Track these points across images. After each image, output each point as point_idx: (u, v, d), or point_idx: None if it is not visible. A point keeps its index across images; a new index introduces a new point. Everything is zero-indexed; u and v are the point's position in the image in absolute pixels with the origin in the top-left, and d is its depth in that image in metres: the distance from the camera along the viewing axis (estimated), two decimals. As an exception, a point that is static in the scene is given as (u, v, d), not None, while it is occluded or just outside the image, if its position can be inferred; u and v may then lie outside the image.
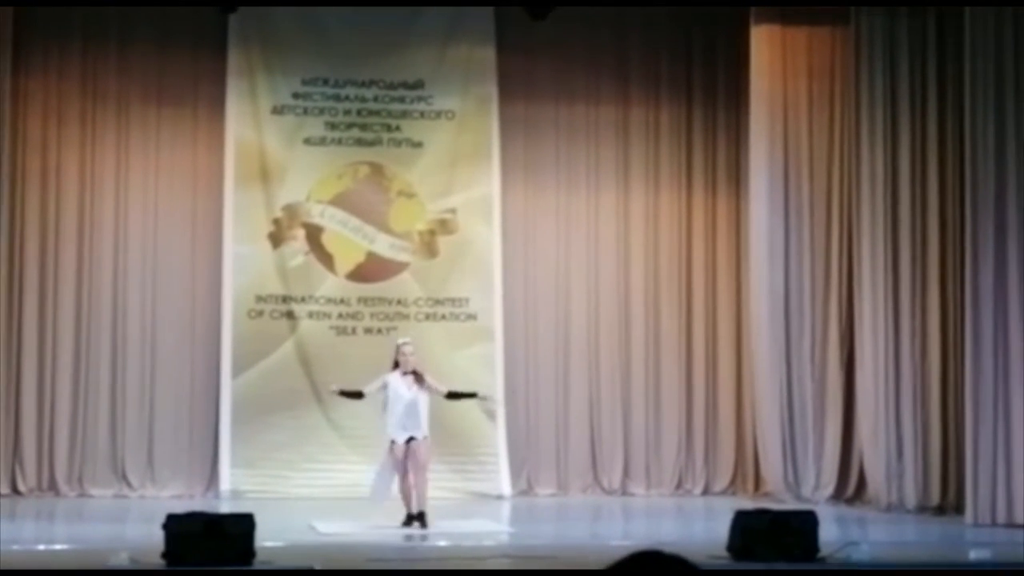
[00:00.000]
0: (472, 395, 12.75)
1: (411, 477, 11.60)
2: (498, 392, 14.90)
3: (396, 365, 11.85)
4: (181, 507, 9.51)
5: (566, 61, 15.65)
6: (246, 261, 15.05)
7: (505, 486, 14.95)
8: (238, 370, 14.84)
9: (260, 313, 15.01)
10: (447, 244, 15.39)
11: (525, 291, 15.62)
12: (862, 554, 8.76)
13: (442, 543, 10.68)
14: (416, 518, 11.51)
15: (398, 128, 15.44)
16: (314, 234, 15.22)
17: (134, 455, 14.79)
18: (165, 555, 8.31)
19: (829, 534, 9.64)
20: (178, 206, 15.18)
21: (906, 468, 13.26)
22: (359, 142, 15.41)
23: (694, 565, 2.48)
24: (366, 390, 12.01)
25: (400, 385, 11.66)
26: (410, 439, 11.59)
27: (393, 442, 11.63)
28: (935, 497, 13.18)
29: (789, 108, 14.69)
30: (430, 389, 11.82)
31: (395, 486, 11.72)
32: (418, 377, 11.72)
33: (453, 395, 12.29)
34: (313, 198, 15.25)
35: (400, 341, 12.22)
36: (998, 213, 11.89)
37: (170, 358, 14.98)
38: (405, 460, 11.56)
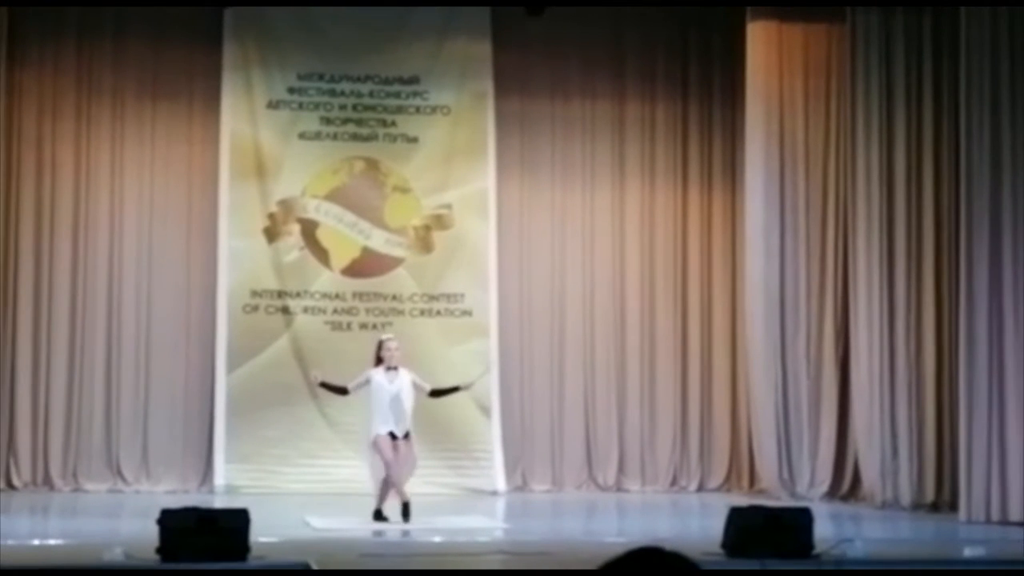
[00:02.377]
0: (455, 389, 12.34)
1: (393, 473, 11.52)
2: (493, 388, 14.89)
3: (379, 361, 11.78)
4: (175, 502, 9.47)
5: (562, 57, 15.64)
6: (241, 256, 15.03)
7: (500, 482, 14.94)
8: (233, 365, 14.82)
9: (255, 308, 15.00)
10: (442, 240, 15.37)
11: (520, 287, 15.61)
12: (857, 551, 8.74)
13: (436, 539, 10.65)
14: (403, 510, 11.44)
15: (393, 123, 15.42)
16: (309, 229, 15.20)
17: (128, 450, 14.78)
18: (159, 550, 8.29)
19: (824, 531, 9.63)
20: (173, 201, 15.16)
21: (901, 465, 13.25)
22: (354, 137, 15.39)
23: (693, 562, 2.47)
24: (350, 386, 11.88)
25: (383, 380, 11.63)
26: (393, 436, 11.52)
27: (377, 435, 11.56)
28: (930, 494, 13.18)
29: (785, 104, 14.69)
30: (415, 387, 11.78)
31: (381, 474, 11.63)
32: (403, 369, 11.69)
33: (436, 393, 12.11)
34: (308, 193, 15.23)
35: (384, 337, 12.12)
36: (993, 209, 11.88)
37: (165, 352, 14.96)
38: (389, 454, 11.48)
